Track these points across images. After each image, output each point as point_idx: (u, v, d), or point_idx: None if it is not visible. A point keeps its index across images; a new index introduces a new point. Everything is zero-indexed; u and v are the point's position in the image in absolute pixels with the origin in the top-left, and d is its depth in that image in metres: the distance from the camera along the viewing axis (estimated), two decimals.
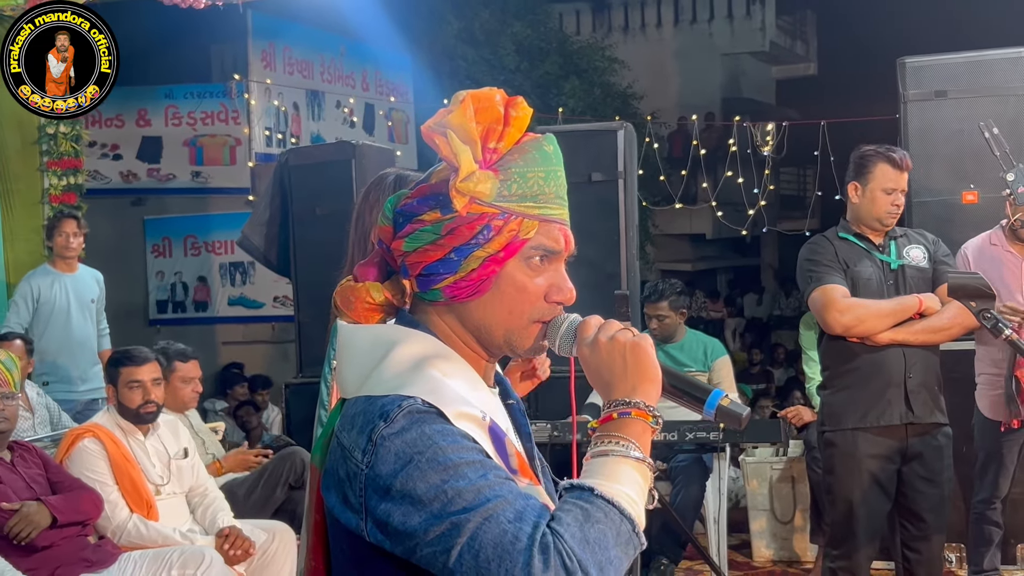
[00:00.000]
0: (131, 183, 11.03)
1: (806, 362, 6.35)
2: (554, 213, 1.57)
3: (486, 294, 1.55)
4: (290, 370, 7.19)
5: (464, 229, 1.52)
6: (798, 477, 6.28)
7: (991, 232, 5.20)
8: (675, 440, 5.34)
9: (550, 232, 1.56)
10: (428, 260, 1.54)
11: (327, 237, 5.95)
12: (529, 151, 1.57)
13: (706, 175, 12.06)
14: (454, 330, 1.58)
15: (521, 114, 1.56)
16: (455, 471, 1.39)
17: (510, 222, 1.53)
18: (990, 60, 5.99)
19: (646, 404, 1.51)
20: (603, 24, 21.27)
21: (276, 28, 10.77)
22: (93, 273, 7.06)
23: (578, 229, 1.62)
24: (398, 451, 1.41)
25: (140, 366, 4.65)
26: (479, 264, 1.53)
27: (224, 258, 11.24)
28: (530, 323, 1.57)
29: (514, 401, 1.71)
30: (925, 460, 4.14)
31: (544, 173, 1.56)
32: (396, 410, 1.43)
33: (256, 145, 10.53)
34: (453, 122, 1.51)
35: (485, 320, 1.56)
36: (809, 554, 6.20)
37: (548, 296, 1.57)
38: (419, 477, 1.39)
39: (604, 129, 6.34)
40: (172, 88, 11.10)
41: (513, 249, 1.54)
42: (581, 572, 1.35)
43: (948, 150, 5.94)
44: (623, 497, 1.43)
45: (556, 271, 1.59)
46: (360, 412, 1.47)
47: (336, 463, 1.48)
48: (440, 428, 1.42)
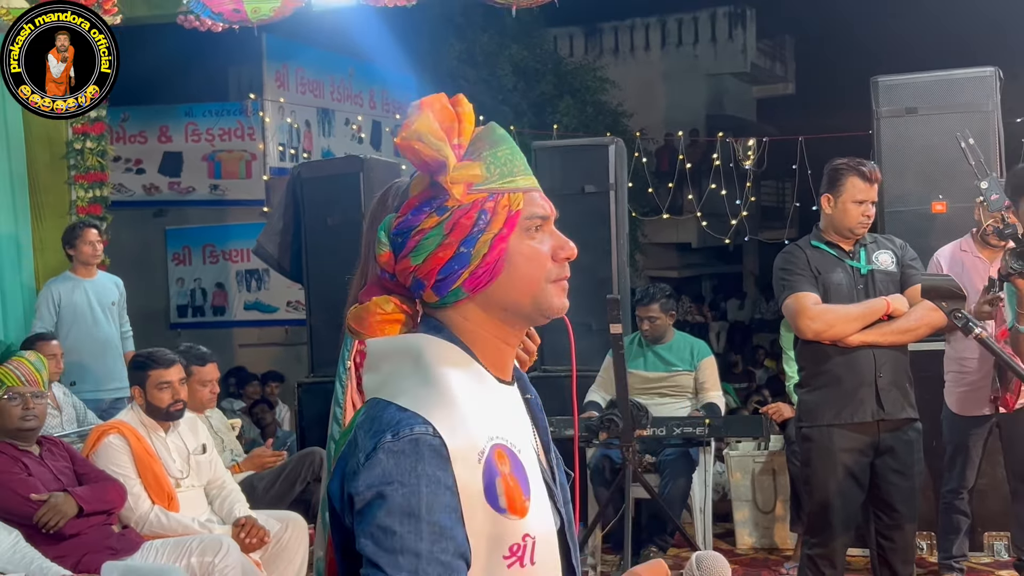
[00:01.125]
0: (153, 195, 11.02)
1: (786, 362, 6.35)
2: (530, 183, 1.59)
3: (502, 274, 1.55)
4: (302, 370, 7.18)
5: (464, 220, 1.53)
6: (779, 470, 6.28)
7: (961, 240, 5.22)
8: (663, 435, 5.34)
9: (534, 200, 1.58)
10: (441, 262, 1.54)
11: (337, 245, 5.97)
12: (487, 135, 1.59)
13: (691, 187, 12.05)
14: (480, 322, 1.57)
15: (467, 109, 1.58)
16: (414, 526, 1.40)
17: (500, 200, 1.54)
18: (957, 79, 6.00)
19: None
20: (595, 47, 21.30)
21: (289, 50, 10.77)
22: (112, 278, 7.05)
23: (572, 237, 1.63)
24: (385, 470, 1.42)
25: (168, 368, 4.65)
26: (488, 247, 1.53)
27: (240, 266, 11.23)
28: (547, 284, 1.58)
29: (531, 396, 1.70)
30: (896, 454, 4.13)
31: (508, 150, 1.59)
32: (407, 432, 1.44)
33: (270, 160, 10.53)
34: (422, 128, 1.52)
35: (510, 296, 1.56)
36: (789, 542, 6.19)
37: (555, 256, 1.59)
38: (386, 508, 1.41)
39: (596, 144, 6.35)
40: (192, 106, 11.10)
41: (512, 223, 1.55)
42: None
43: (918, 163, 5.94)
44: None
45: (552, 233, 1.61)
46: (378, 417, 1.48)
47: (348, 455, 1.50)
48: (431, 474, 1.42)
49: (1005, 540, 5.57)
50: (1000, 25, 13.48)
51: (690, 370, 6.03)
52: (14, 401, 4.21)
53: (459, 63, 14.28)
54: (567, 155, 6.27)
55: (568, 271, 1.61)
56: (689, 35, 21.73)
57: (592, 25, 21.16)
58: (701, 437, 5.53)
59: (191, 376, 5.11)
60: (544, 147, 6.60)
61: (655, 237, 17.33)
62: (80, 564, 4.05)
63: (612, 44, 21.52)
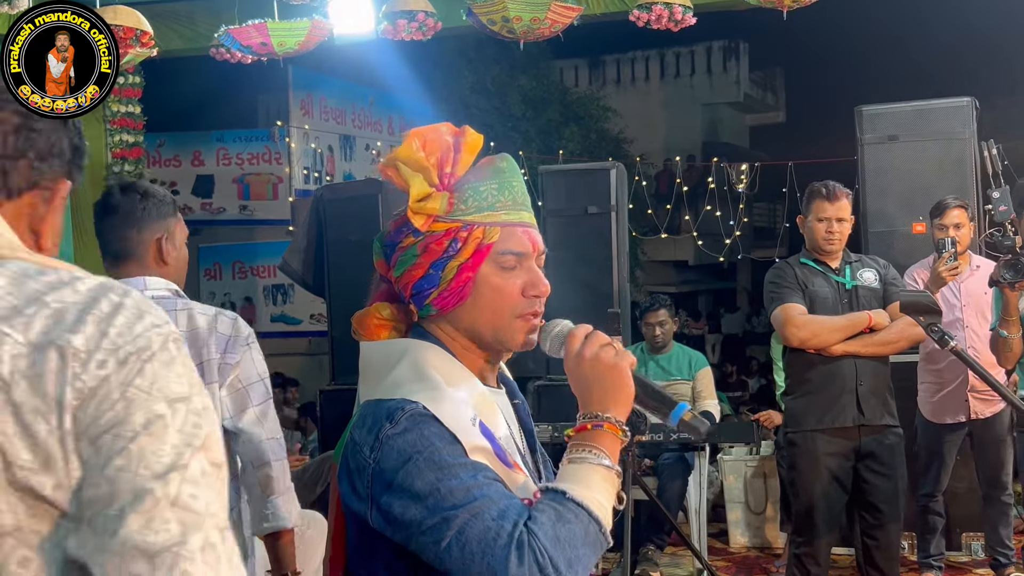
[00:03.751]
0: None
1: (776, 372, 6.33)
2: (513, 218, 1.55)
3: (468, 299, 1.53)
4: (324, 378, 7.19)
5: (435, 246, 1.51)
6: (770, 473, 6.26)
7: (929, 257, 5.25)
8: (661, 440, 5.33)
9: (514, 236, 1.54)
10: (414, 279, 1.53)
11: (357, 261, 5.97)
12: (481, 169, 1.56)
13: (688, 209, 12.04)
14: (453, 337, 1.56)
15: (471, 140, 1.56)
16: (449, 471, 1.38)
17: (474, 231, 1.51)
18: (936, 108, 6.01)
19: (617, 419, 1.50)
20: (598, 78, 21.35)
21: (314, 81, 10.83)
22: None
23: (575, 255, 1.64)
24: (400, 449, 1.40)
25: None
26: (454, 274, 1.51)
27: (267, 281, 11.26)
28: (513, 319, 1.55)
29: (519, 400, 1.69)
30: (877, 457, 4.12)
31: (497, 185, 1.55)
32: (400, 413, 1.42)
33: (296, 182, 10.58)
34: (401, 155, 1.52)
35: (473, 323, 1.54)
36: (779, 541, 6.17)
37: (525, 292, 1.54)
38: (417, 474, 1.38)
39: (598, 168, 6.34)
40: (223, 133, 11.15)
41: (480, 255, 1.52)
42: (551, 567, 1.34)
43: (900, 187, 5.95)
44: (593, 501, 1.42)
45: (529, 269, 1.55)
46: (370, 413, 1.47)
47: (349, 456, 1.48)
48: (438, 431, 1.41)
49: (982, 540, 5.56)
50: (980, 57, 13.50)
51: (688, 379, 6.05)
52: None
53: (471, 93, 14.33)
54: (571, 178, 6.27)
55: (539, 308, 1.57)
56: (686, 67, 21.77)
57: (596, 57, 21.21)
58: (697, 442, 5.53)
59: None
60: (550, 171, 6.61)
61: (654, 255, 17.32)
62: None
63: (614, 75, 21.56)
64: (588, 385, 1.52)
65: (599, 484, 1.44)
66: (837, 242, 4.17)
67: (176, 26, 7.50)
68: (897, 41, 17.17)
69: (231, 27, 6.51)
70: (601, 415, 1.50)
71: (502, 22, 5.93)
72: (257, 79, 9.14)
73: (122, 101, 8.12)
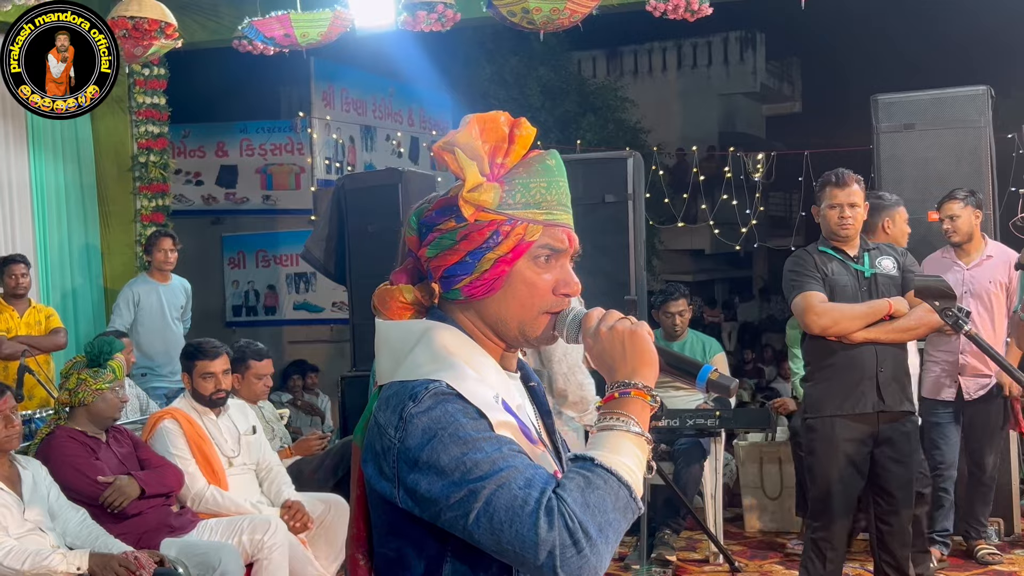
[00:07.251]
0: (211, 205, 11.09)
1: (791, 358, 6.31)
2: (557, 218, 1.54)
3: (499, 291, 1.52)
4: (345, 364, 7.20)
5: (476, 235, 1.50)
6: (784, 459, 6.23)
7: (943, 248, 5.35)
8: (677, 426, 5.32)
9: (554, 234, 1.53)
10: (448, 263, 1.52)
11: (377, 250, 5.98)
12: (533, 164, 1.54)
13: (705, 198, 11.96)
14: (475, 324, 1.55)
15: (525, 133, 1.53)
16: (473, 444, 1.37)
17: (516, 227, 1.50)
18: (952, 97, 5.95)
19: (644, 384, 1.47)
20: (616, 68, 21.25)
21: (335, 72, 10.81)
22: (183, 282, 7.13)
23: (593, 244, 1.61)
24: (425, 427, 1.39)
25: (213, 360, 4.66)
26: (491, 265, 1.50)
27: (290, 269, 11.27)
28: (540, 314, 1.54)
29: (535, 384, 1.68)
30: (895, 444, 4.10)
31: (546, 183, 1.53)
32: (423, 392, 1.41)
33: (317, 172, 10.57)
34: (460, 140, 1.49)
35: (500, 314, 1.53)
36: (794, 526, 6.14)
37: (556, 289, 1.54)
38: (442, 450, 1.37)
39: (616, 157, 6.31)
40: (246, 124, 11.15)
41: (520, 251, 1.51)
42: (581, 531, 1.32)
43: (915, 175, 5.90)
44: (622, 467, 1.39)
45: (562, 267, 1.55)
46: (393, 394, 1.45)
47: (373, 439, 1.46)
48: (461, 407, 1.40)
49: (995, 525, 5.54)
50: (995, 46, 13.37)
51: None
52: (117, 392, 4.29)
53: (490, 84, 14.29)
54: (589, 168, 6.24)
55: (567, 306, 1.56)
56: (703, 57, 21.64)
57: (613, 48, 21.11)
58: (712, 428, 5.52)
59: (248, 370, 5.12)
60: (568, 160, 6.57)
61: (671, 244, 17.26)
62: (141, 540, 4.08)
63: (632, 66, 21.46)
64: (611, 357, 1.50)
65: (629, 450, 1.42)
66: (851, 227, 4.13)
67: (200, 18, 7.52)
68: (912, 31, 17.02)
69: (254, 19, 6.52)
70: (628, 382, 1.48)
71: (522, 13, 5.90)
72: (279, 70, 9.13)
73: (147, 92, 8.15)
